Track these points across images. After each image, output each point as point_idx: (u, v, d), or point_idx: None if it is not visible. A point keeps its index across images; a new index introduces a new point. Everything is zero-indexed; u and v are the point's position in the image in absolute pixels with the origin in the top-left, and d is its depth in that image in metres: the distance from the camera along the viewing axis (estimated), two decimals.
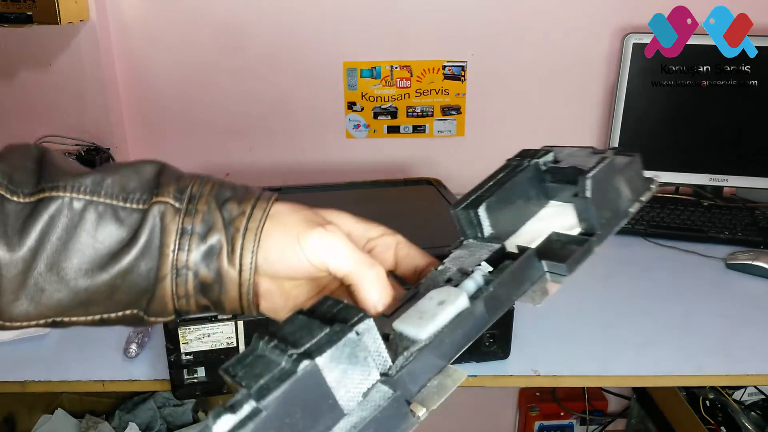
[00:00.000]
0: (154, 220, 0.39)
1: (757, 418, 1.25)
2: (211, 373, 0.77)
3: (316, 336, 0.29)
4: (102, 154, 1.39)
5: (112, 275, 0.39)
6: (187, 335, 0.74)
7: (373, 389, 0.29)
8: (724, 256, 1.17)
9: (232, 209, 0.40)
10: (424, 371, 0.31)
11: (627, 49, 1.29)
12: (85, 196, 0.39)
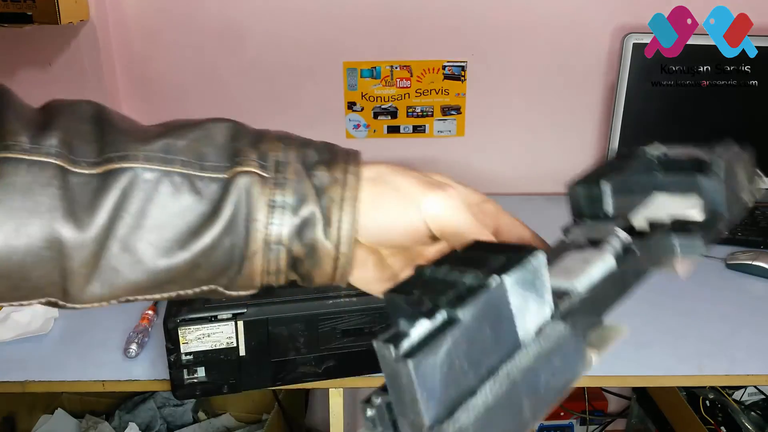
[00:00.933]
0: (239, 192, 0.35)
1: (757, 418, 1.25)
2: (211, 373, 0.77)
3: (494, 261, 0.27)
4: None
5: (194, 253, 0.35)
6: (187, 335, 0.74)
7: (548, 326, 0.27)
8: (724, 256, 1.17)
9: (322, 176, 0.36)
10: (585, 323, 0.30)
11: (627, 49, 1.29)
12: (158, 166, 0.35)
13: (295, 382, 0.80)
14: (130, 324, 0.93)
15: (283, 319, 0.76)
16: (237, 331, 0.75)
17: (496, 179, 1.50)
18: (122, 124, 0.36)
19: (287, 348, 0.78)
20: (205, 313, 0.74)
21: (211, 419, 1.40)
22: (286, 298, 0.77)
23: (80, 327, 0.95)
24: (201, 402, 1.43)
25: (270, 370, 0.78)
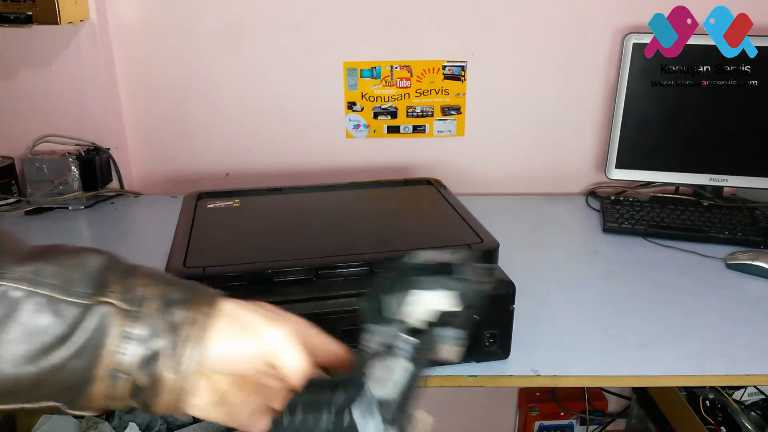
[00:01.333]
0: (96, 320, 0.38)
1: (757, 418, 1.25)
2: None
3: (338, 399, 0.38)
4: (102, 154, 1.39)
5: (41, 370, 0.37)
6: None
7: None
8: (724, 256, 1.17)
9: (178, 314, 0.40)
10: (404, 420, 0.41)
11: (627, 49, 1.29)
12: (26, 286, 0.37)
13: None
14: None
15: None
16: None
17: (495, 179, 1.50)
18: (6, 244, 0.39)
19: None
20: None
21: None
22: (289, 298, 0.76)
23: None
24: None
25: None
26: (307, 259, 0.80)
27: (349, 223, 0.97)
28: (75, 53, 1.34)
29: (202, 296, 0.42)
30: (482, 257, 0.86)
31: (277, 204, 1.00)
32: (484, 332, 0.85)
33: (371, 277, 0.81)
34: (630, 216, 1.29)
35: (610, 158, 1.37)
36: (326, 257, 0.82)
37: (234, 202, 0.94)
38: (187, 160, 1.48)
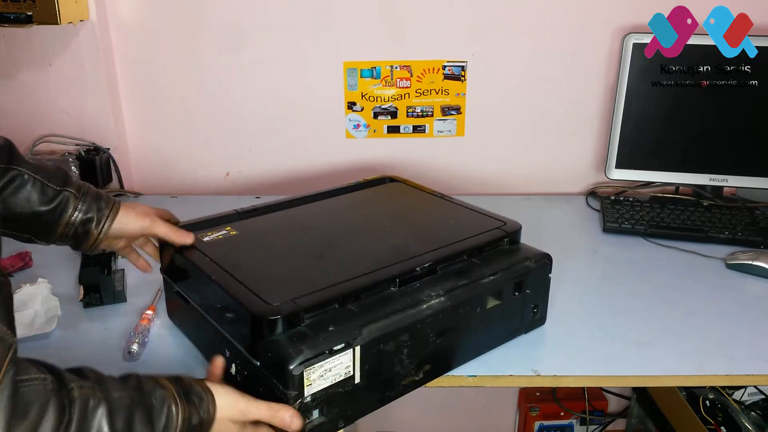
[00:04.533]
0: (63, 196, 0.78)
1: (757, 418, 1.25)
2: (330, 411, 0.71)
3: None
4: (102, 154, 1.39)
5: (32, 215, 0.77)
6: (311, 375, 0.68)
7: None
8: (724, 256, 1.17)
9: (103, 203, 0.81)
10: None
11: (627, 49, 1.29)
12: (31, 174, 0.77)
13: (399, 395, 0.78)
14: (131, 324, 0.93)
15: (391, 334, 0.73)
16: (354, 358, 0.70)
17: (495, 179, 1.50)
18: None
19: (393, 363, 0.75)
20: (323, 348, 0.68)
21: None
22: (388, 311, 0.74)
23: (82, 326, 0.95)
24: None
25: (379, 390, 0.75)
26: (377, 272, 0.78)
27: (366, 231, 0.95)
28: (75, 53, 1.34)
29: (112, 200, 0.84)
30: (512, 237, 0.91)
31: (272, 224, 0.95)
32: (530, 305, 0.90)
33: (441, 276, 0.81)
34: (630, 216, 1.29)
35: (610, 158, 1.37)
36: (394, 265, 0.80)
37: (228, 231, 0.91)
38: (187, 160, 1.48)
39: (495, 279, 0.84)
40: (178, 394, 0.62)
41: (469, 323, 0.83)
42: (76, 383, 0.55)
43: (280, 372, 0.67)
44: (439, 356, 0.81)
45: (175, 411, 0.61)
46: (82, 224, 0.79)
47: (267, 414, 0.68)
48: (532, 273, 0.88)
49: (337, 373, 0.70)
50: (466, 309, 0.81)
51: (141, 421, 0.59)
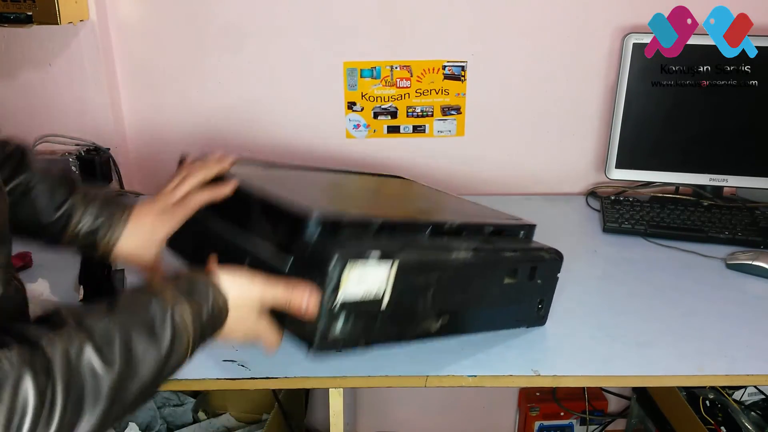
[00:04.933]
0: (67, 206, 0.76)
1: (757, 418, 1.25)
2: (353, 326, 0.69)
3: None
4: (102, 154, 1.39)
5: (36, 223, 0.75)
6: (350, 274, 0.66)
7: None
8: (724, 256, 1.17)
9: (113, 213, 0.78)
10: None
11: (627, 49, 1.29)
12: (38, 182, 0.75)
13: (414, 338, 0.77)
14: None
15: (423, 267, 0.73)
16: (389, 275, 0.69)
17: (495, 179, 1.50)
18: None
19: (418, 299, 0.75)
20: (365, 250, 0.67)
21: (211, 419, 1.40)
22: (422, 246, 0.74)
23: None
24: (201, 402, 1.43)
25: (399, 325, 0.74)
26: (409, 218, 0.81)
27: (392, 197, 0.97)
28: (75, 53, 1.34)
29: (126, 206, 0.80)
30: (528, 232, 0.94)
31: (299, 173, 0.97)
32: (537, 298, 0.92)
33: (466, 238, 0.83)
34: (630, 216, 1.29)
35: (610, 158, 1.37)
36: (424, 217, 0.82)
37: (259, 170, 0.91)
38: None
39: (514, 256, 0.86)
40: (178, 294, 0.58)
41: (487, 289, 0.84)
42: (46, 339, 0.49)
43: (320, 267, 0.65)
44: (457, 312, 0.81)
45: (180, 316, 0.57)
46: (86, 236, 0.76)
47: (284, 294, 0.65)
48: (546, 264, 0.91)
49: (371, 286, 0.69)
50: (486, 273, 0.83)
51: (142, 341, 0.54)
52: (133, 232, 0.78)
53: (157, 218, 0.79)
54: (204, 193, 0.79)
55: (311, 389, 1.55)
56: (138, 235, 0.78)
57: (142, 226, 0.78)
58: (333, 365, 0.88)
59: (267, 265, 0.69)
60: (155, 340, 0.55)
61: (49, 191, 0.75)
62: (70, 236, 0.76)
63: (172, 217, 0.79)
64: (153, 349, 0.55)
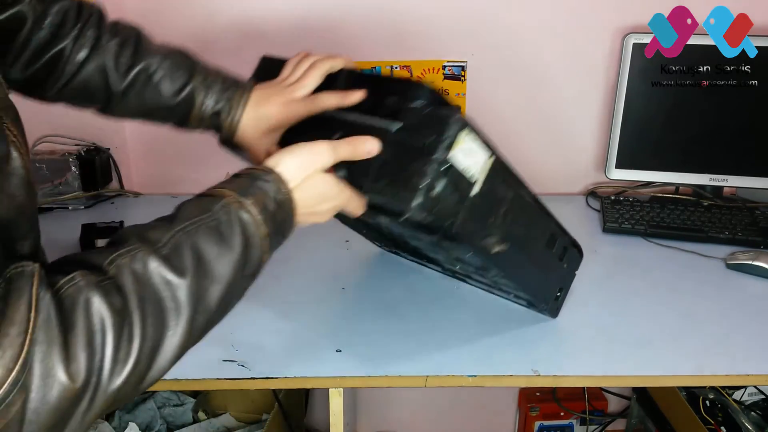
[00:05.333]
0: (189, 89, 0.77)
1: (757, 418, 1.25)
2: (444, 197, 0.68)
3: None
4: (102, 154, 1.39)
5: (164, 107, 0.77)
6: (463, 139, 0.69)
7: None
8: (724, 256, 1.17)
9: (231, 92, 0.78)
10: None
11: (627, 49, 1.29)
12: (158, 67, 0.77)
13: (476, 249, 0.77)
14: None
15: (507, 182, 0.76)
16: (485, 167, 0.72)
17: None
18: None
19: (492, 212, 0.75)
20: (473, 129, 0.71)
21: (211, 419, 1.40)
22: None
23: None
24: (201, 402, 1.43)
25: (472, 222, 0.73)
26: None
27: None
28: None
29: (245, 84, 0.82)
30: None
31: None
32: (558, 284, 0.95)
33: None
34: (630, 216, 1.29)
35: (610, 158, 1.37)
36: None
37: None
38: (187, 160, 1.48)
39: (557, 225, 0.88)
40: (241, 191, 0.56)
41: (536, 241, 0.86)
42: (109, 260, 0.49)
43: (436, 125, 0.67)
44: (513, 244, 0.81)
45: (247, 213, 0.56)
46: (212, 117, 0.77)
47: (348, 149, 0.65)
48: (573, 252, 0.93)
49: (472, 165, 0.71)
50: (539, 224, 0.86)
51: (211, 244, 0.53)
52: (254, 116, 0.77)
53: (280, 108, 0.78)
54: (334, 97, 0.78)
55: (311, 389, 1.55)
56: (258, 122, 0.77)
57: (264, 113, 0.77)
58: (333, 365, 0.88)
59: (373, 129, 0.70)
60: (225, 241, 0.53)
61: (169, 75, 0.76)
62: (197, 118, 0.77)
63: (296, 110, 0.78)
64: (225, 251, 0.53)
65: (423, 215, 0.68)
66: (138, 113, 0.78)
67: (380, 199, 0.70)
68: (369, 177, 0.69)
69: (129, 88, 0.76)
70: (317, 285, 1.09)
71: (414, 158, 0.67)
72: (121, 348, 0.46)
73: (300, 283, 1.09)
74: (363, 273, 1.13)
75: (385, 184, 0.68)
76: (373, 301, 1.04)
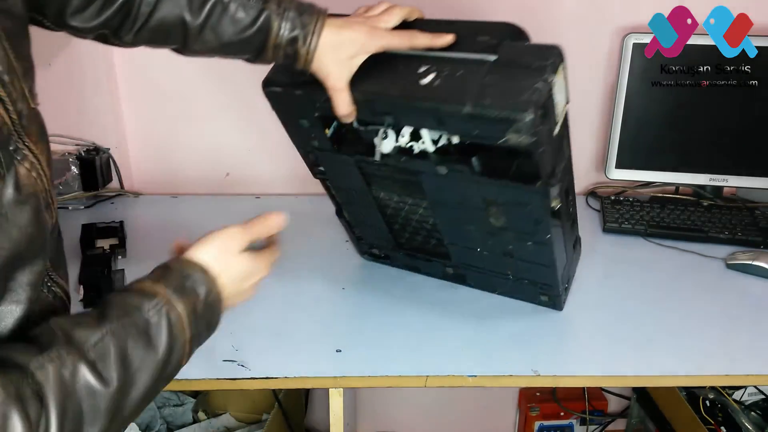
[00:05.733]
0: (267, 15, 0.74)
1: (757, 418, 1.25)
2: (540, 125, 0.72)
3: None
4: (102, 154, 1.39)
5: (241, 38, 0.75)
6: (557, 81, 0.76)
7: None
8: (724, 256, 1.17)
9: (307, 18, 0.75)
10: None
11: (627, 49, 1.29)
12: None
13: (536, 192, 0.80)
14: None
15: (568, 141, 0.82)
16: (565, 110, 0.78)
17: None
18: None
19: (556, 158, 0.79)
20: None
21: (211, 419, 1.40)
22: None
23: None
24: (201, 402, 1.43)
25: (546, 166, 0.77)
26: None
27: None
28: (75, 53, 1.34)
29: (319, 10, 0.76)
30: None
31: None
32: (567, 272, 0.98)
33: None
34: (630, 216, 1.29)
35: (610, 158, 1.37)
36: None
37: None
38: (187, 159, 1.48)
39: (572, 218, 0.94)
40: (174, 291, 0.55)
41: (568, 219, 0.91)
42: (36, 362, 0.46)
43: (538, 56, 0.76)
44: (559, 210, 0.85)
45: (175, 315, 0.54)
46: (288, 44, 0.75)
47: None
48: (578, 248, 1.00)
49: (558, 105, 0.76)
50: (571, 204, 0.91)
51: (138, 349, 0.51)
52: (334, 42, 0.75)
53: (365, 34, 0.77)
54: (426, 37, 0.79)
55: (311, 389, 1.55)
56: (338, 48, 0.76)
57: (347, 38, 0.76)
58: (333, 365, 0.88)
59: (468, 61, 0.75)
60: (152, 345, 0.52)
61: (243, 5, 0.74)
62: (273, 47, 0.75)
63: (381, 39, 0.77)
64: (150, 356, 0.52)
65: (522, 137, 0.71)
66: (214, 49, 0.77)
67: (482, 121, 0.72)
68: (471, 96, 0.72)
69: (205, 22, 0.74)
70: (317, 285, 1.09)
71: (522, 78, 0.71)
72: None
73: (300, 283, 1.09)
74: (363, 273, 1.13)
75: (491, 102, 0.71)
76: (373, 301, 1.04)
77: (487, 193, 0.84)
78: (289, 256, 1.15)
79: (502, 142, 0.72)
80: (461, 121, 0.74)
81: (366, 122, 0.84)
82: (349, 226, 1.10)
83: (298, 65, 0.77)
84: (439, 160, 0.82)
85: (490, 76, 0.73)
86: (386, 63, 0.79)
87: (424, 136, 0.82)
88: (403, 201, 0.97)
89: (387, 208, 1.00)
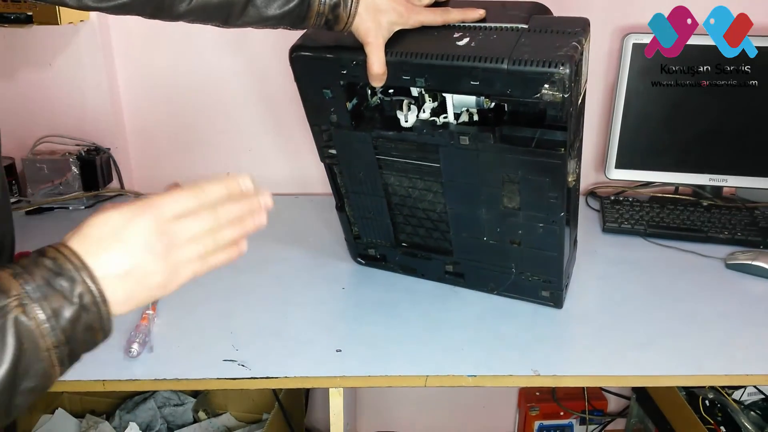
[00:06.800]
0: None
1: (757, 418, 1.25)
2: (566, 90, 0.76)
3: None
4: (102, 154, 1.39)
5: (284, 12, 0.77)
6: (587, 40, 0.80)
7: None
8: (724, 256, 1.17)
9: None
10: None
11: (627, 49, 1.29)
12: None
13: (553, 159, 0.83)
14: (131, 324, 0.93)
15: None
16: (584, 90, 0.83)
17: None
18: None
19: (574, 136, 0.84)
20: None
21: (211, 419, 1.40)
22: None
23: None
24: (201, 402, 1.43)
25: (571, 134, 0.81)
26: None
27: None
28: (75, 53, 1.34)
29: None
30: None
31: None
32: (569, 267, 1.00)
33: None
34: (630, 216, 1.29)
35: (609, 158, 1.37)
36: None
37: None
38: (187, 159, 1.48)
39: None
40: (29, 291, 0.46)
41: (575, 214, 0.97)
42: None
43: (574, 23, 0.78)
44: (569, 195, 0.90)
45: (30, 318, 0.45)
46: (331, 11, 0.78)
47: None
48: (575, 248, 1.03)
49: (584, 73, 0.80)
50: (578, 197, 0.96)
51: None
52: (373, 7, 0.79)
53: (402, 7, 0.81)
54: (459, 12, 0.83)
55: (311, 389, 1.55)
56: (377, 13, 0.79)
57: (386, 7, 0.79)
58: (333, 365, 0.88)
59: (501, 29, 0.80)
60: None
61: None
62: (317, 15, 0.78)
63: (417, 15, 0.82)
64: None
65: (556, 92, 0.75)
66: (255, 22, 0.80)
67: (518, 77, 0.75)
68: (508, 54, 0.76)
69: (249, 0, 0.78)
70: (317, 285, 1.09)
71: (556, 40, 0.76)
72: None
73: (300, 283, 1.09)
74: (363, 273, 1.13)
75: (529, 57, 0.75)
76: (373, 301, 1.04)
77: (505, 167, 0.86)
78: (288, 256, 1.16)
79: (537, 97, 0.75)
80: (497, 79, 0.77)
81: (392, 91, 0.89)
82: (348, 222, 1.10)
83: (338, 28, 0.80)
84: (461, 130, 0.86)
85: (525, 38, 0.78)
86: (420, 32, 0.84)
87: (449, 107, 0.86)
88: (413, 186, 0.98)
89: (394, 196, 1.01)
